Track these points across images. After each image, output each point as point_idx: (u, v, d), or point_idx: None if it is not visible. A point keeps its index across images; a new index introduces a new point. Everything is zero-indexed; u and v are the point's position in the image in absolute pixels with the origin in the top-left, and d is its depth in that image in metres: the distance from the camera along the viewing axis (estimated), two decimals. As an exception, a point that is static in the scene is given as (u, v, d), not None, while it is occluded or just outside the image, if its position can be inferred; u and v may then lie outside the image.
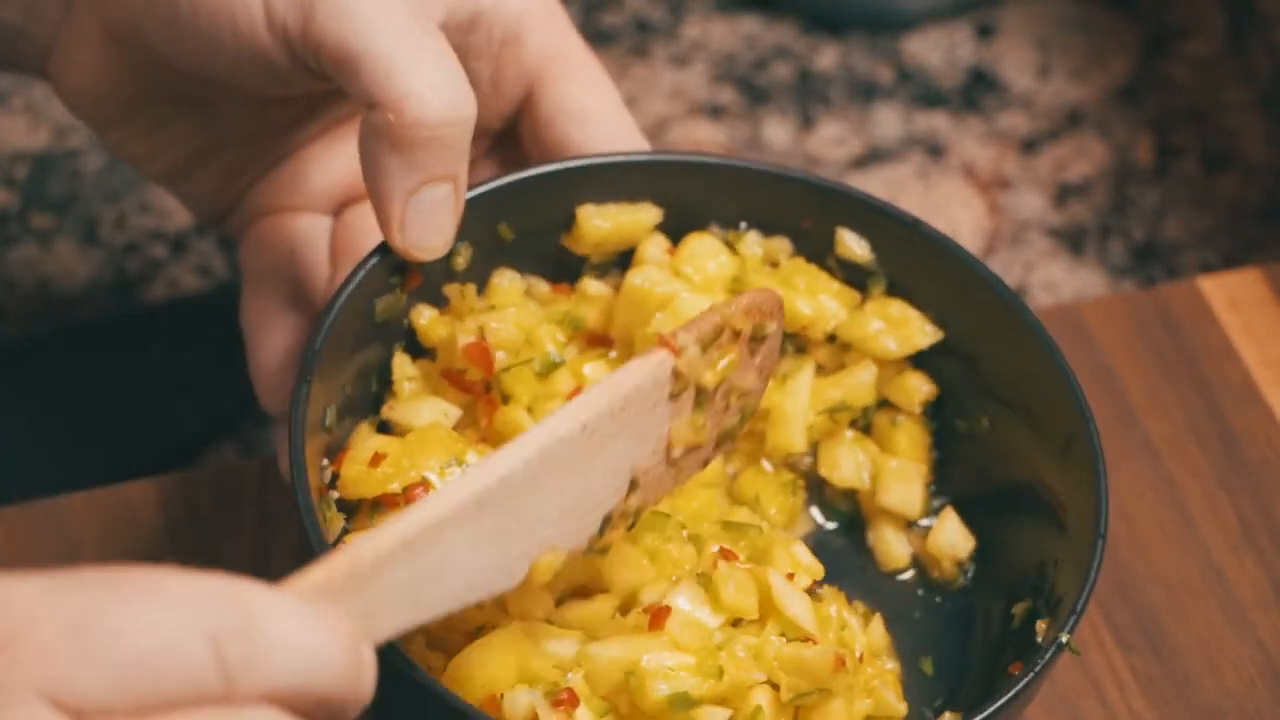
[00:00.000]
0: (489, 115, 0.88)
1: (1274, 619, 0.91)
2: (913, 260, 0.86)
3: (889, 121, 1.14)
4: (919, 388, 0.86)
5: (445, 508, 0.67)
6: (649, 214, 0.87)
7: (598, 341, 0.87)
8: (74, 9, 0.85)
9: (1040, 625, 0.79)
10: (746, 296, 0.79)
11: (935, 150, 1.13)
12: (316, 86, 0.83)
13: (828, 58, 1.17)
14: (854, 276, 0.87)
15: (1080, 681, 0.89)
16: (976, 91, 1.15)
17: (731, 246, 0.87)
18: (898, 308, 0.86)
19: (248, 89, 0.84)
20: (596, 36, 1.16)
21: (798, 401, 0.85)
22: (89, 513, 0.91)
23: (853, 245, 0.86)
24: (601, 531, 0.76)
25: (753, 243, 0.88)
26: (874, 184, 1.11)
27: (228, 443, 1.01)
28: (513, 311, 0.84)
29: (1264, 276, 1.02)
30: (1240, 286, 1.02)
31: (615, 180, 0.86)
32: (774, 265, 0.88)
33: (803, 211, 0.87)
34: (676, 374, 0.76)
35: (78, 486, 0.92)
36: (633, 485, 0.76)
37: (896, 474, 0.86)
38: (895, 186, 1.11)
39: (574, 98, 0.87)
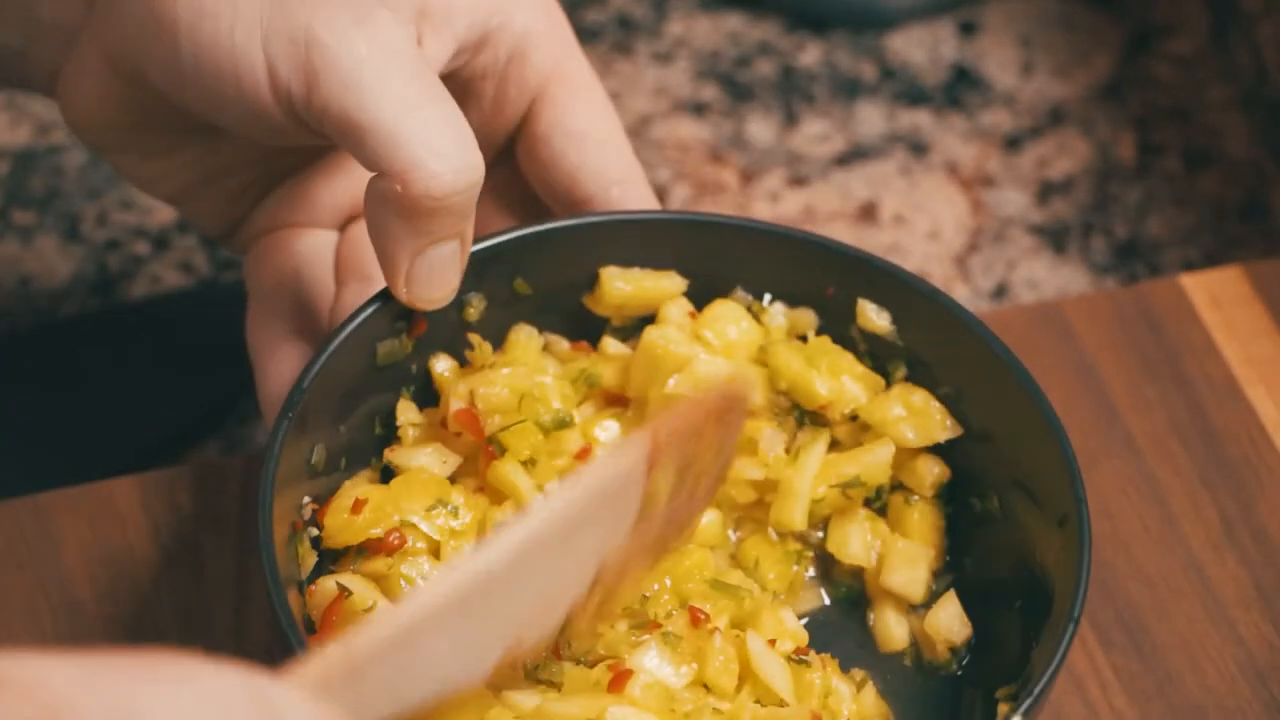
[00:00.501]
0: (491, 133, 0.88)
1: (1255, 617, 0.91)
2: (931, 331, 0.85)
3: (872, 119, 1.14)
4: (931, 469, 0.86)
5: (433, 605, 0.67)
6: (673, 283, 0.87)
7: (614, 401, 0.86)
8: (79, 39, 0.85)
9: (1002, 709, 0.79)
10: (718, 399, 0.78)
11: (918, 147, 1.13)
12: (318, 143, 0.83)
13: (811, 55, 1.17)
14: (876, 348, 0.87)
15: (1062, 679, 0.89)
16: (959, 89, 1.15)
17: (756, 316, 0.87)
18: (920, 398, 0.85)
19: (251, 137, 0.83)
20: (580, 33, 1.16)
21: (805, 478, 0.84)
22: (72, 509, 0.91)
23: (873, 316, 0.86)
24: (564, 627, 0.75)
25: (777, 313, 0.88)
26: (857, 181, 1.11)
27: (210, 440, 1.01)
28: (505, 374, 0.84)
29: (1245, 274, 1.02)
30: (1222, 284, 1.02)
31: (635, 238, 0.86)
32: (801, 338, 0.87)
33: (825, 278, 0.87)
34: (647, 494, 0.76)
35: (60, 483, 0.92)
36: (596, 580, 0.75)
37: (903, 555, 0.85)
38: (878, 184, 1.11)
39: (573, 117, 0.87)
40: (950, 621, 0.84)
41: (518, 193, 0.90)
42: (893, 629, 0.85)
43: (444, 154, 0.78)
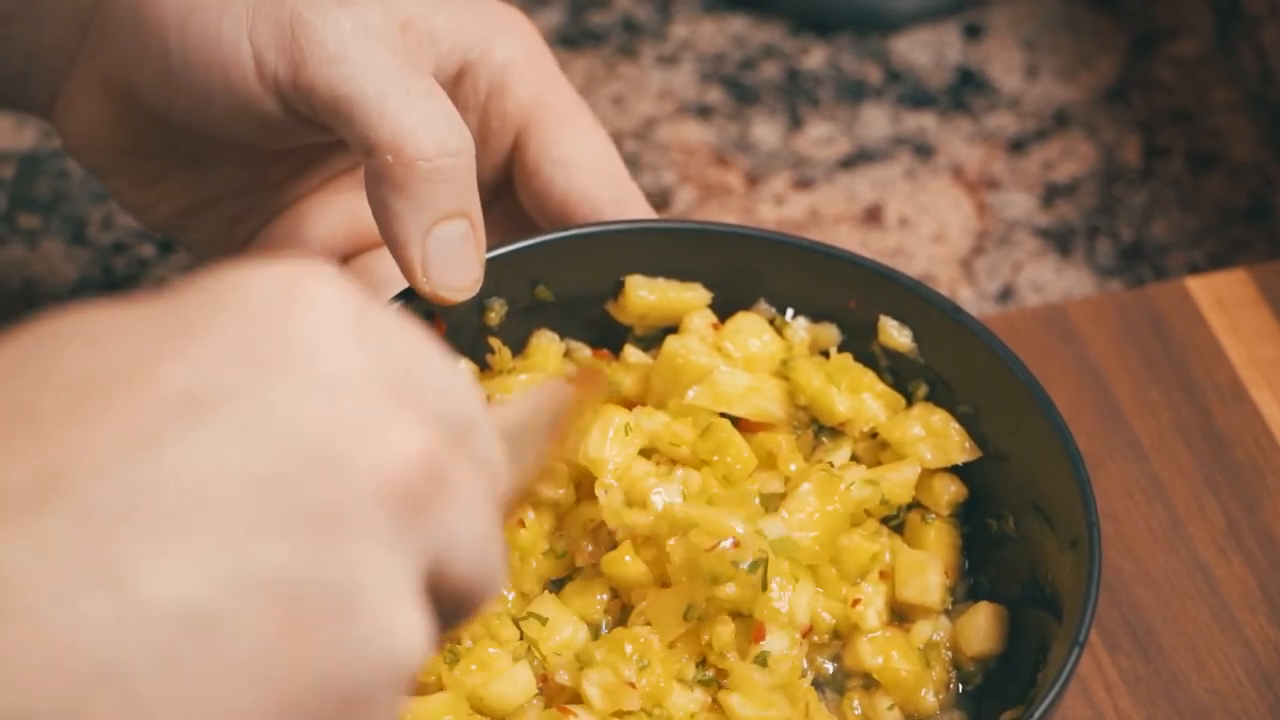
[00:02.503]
0: (481, 167, 0.88)
1: (1260, 619, 0.91)
2: (952, 350, 0.85)
3: (877, 122, 1.14)
4: (948, 488, 0.85)
5: None
6: (697, 294, 0.87)
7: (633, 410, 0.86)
8: (77, 63, 0.85)
9: None
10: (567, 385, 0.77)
11: (923, 150, 1.13)
12: (311, 138, 0.83)
13: (816, 58, 1.17)
14: (898, 365, 0.87)
15: (1068, 682, 0.89)
16: (964, 92, 1.15)
17: (779, 330, 0.87)
18: (939, 418, 0.85)
19: (242, 141, 0.84)
20: (584, 37, 1.16)
21: None
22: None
23: (894, 334, 0.86)
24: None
25: (800, 328, 0.88)
26: (862, 184, 1.11)
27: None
28: (521, 379, 0.83)
29: (1251, 277, 1.02)
30: (1227, 287, 1.02)
31: (660, 248, 0.86)
32: (823, 354, 0.87)
33: (848, 293, 0.87)
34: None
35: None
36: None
37: (911, 566, 0.84)
38: (883, 187, 1.11)
39: (558, 145, 0.87)
40: (981, 630, 0.83)
41: (522, 228, 0.90)
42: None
43: (430, 117, 0.79)
